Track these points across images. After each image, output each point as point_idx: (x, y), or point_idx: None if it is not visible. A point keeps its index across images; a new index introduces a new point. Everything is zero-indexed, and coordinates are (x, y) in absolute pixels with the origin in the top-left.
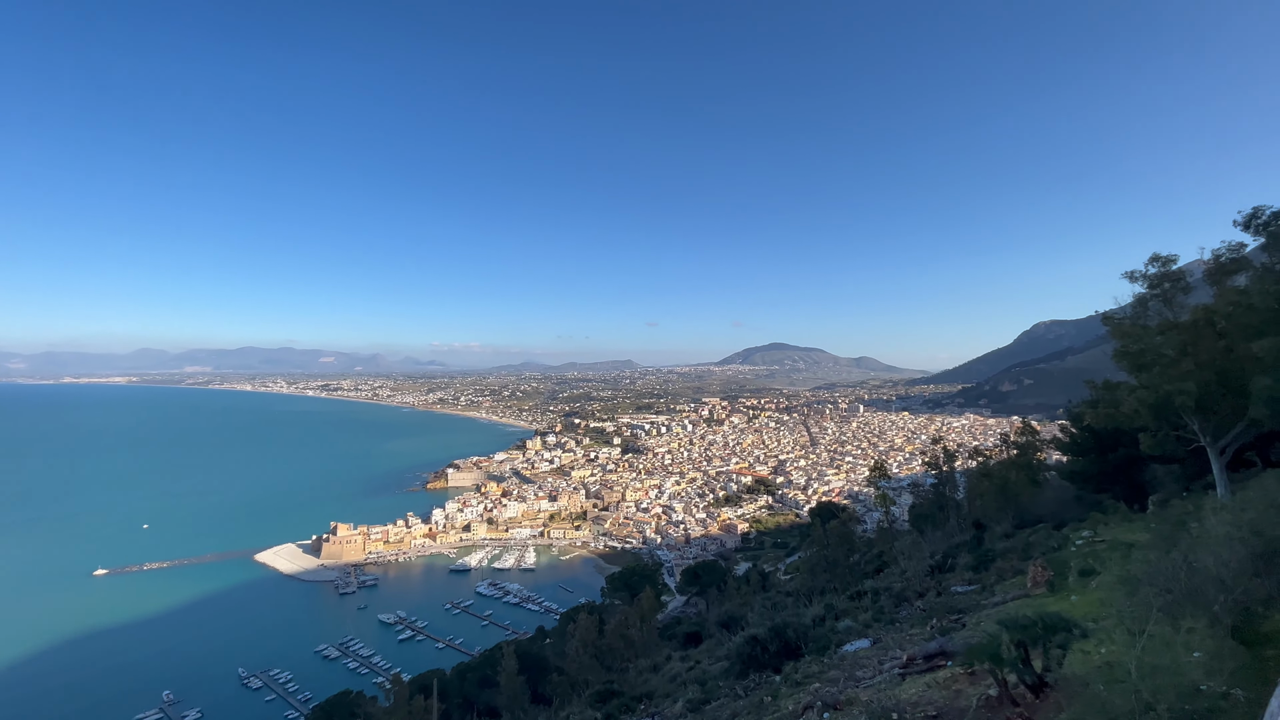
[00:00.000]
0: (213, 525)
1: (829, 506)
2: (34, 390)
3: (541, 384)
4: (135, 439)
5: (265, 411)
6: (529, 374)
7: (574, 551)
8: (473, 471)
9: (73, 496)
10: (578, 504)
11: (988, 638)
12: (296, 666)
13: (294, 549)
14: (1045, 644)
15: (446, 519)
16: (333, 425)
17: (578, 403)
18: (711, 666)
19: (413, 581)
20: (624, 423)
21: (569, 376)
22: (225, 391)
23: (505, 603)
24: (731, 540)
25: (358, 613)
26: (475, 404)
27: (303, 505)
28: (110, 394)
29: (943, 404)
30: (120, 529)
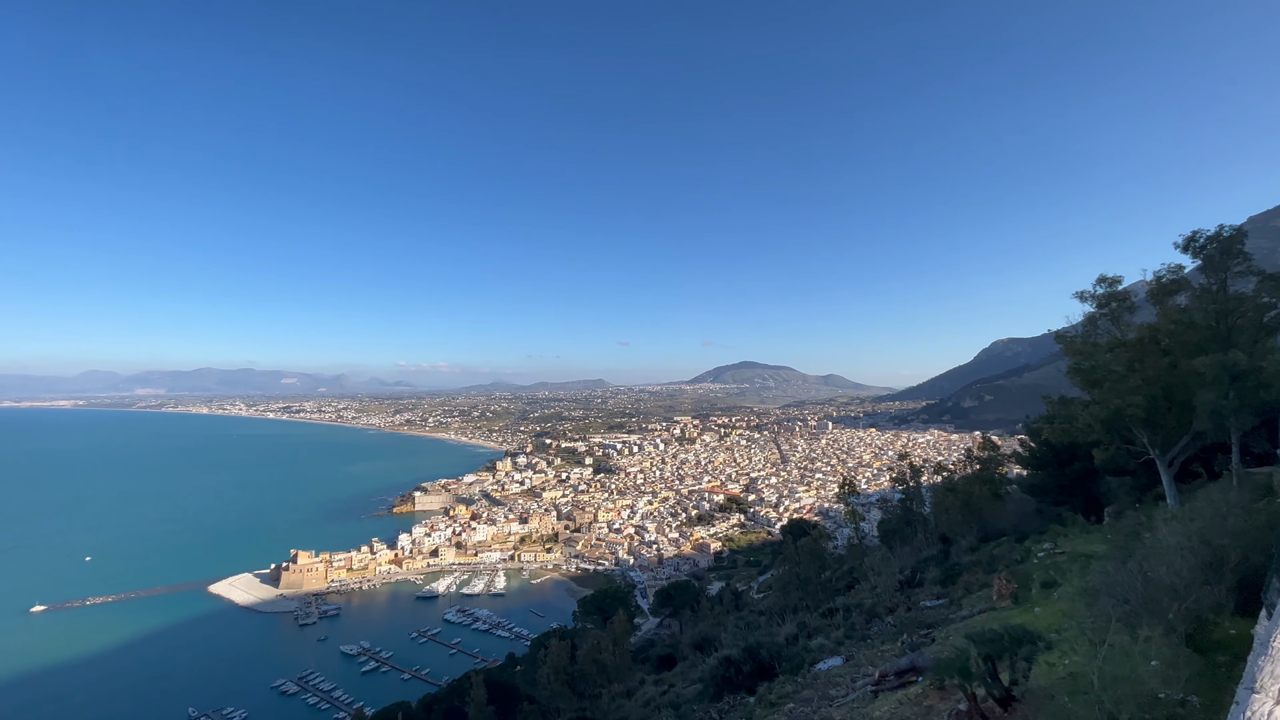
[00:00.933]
0: (163, 555)
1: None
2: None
3: (512, 404)
4: (78, 465)
5: (222, 435)
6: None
7: (545, 574)
8: (441, 494)
9: (7, 528)
10: (549, 526)
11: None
12: (251, 704)
13: (251, 579)
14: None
15: (413, 544)
16: (294, 449)
17: (549, 422)
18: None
19: (377, 610)
20: (596, 442)
21: (540, 396)
22: (180, 415)
23: (474, 629)
24: (704, 559)
25: (318, 644)
26: (444, 425)
27: (261, 533)
28: (53, 418)
29: (908, 420)
30: (60, 561)
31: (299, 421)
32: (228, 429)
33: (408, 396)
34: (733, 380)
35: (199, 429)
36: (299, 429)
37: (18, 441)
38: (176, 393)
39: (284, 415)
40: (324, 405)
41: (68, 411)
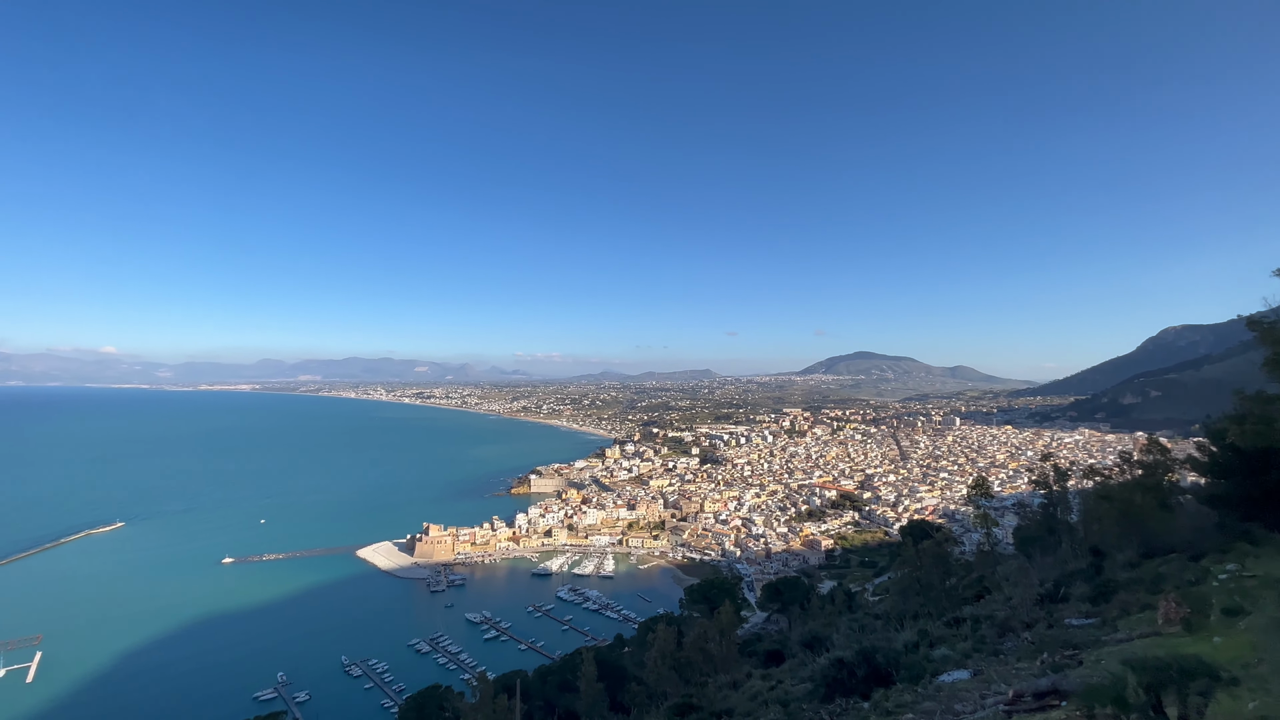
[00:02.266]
0: (319, 521)
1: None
2: (178, 396)
3: (620, 393)
4: (255, 441)
5: (365, 417)
6: (608, 383)
7: (652, 561)
8: (554, 478)
9: (205, 493)
10: (656, 513)
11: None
12: (391, 658)
13: (390, 547)
14: (1182, 690)
15: (529, 524)
16: (425, 431)
17: (656, 412)
18: (794, 688)
19: (497, 583)
20: (702, 433)
21: (647, 386)
22: (332, 399)
23: (585, 609)
24: (815, 556)
25: (446, 610)
26: (556, 412)
27: (398, 506)
28: (237, 400)
29: (1052, 418)
30: (242, 522)
31: (429, 406)
32: (370, 412)
33: (524, 385)
34: (847, 371)
35: (347, 411)
36: (429, 413)
37: (212, 419)
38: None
39: (417, 400)
40: (451, 392)
41: (247, 394)
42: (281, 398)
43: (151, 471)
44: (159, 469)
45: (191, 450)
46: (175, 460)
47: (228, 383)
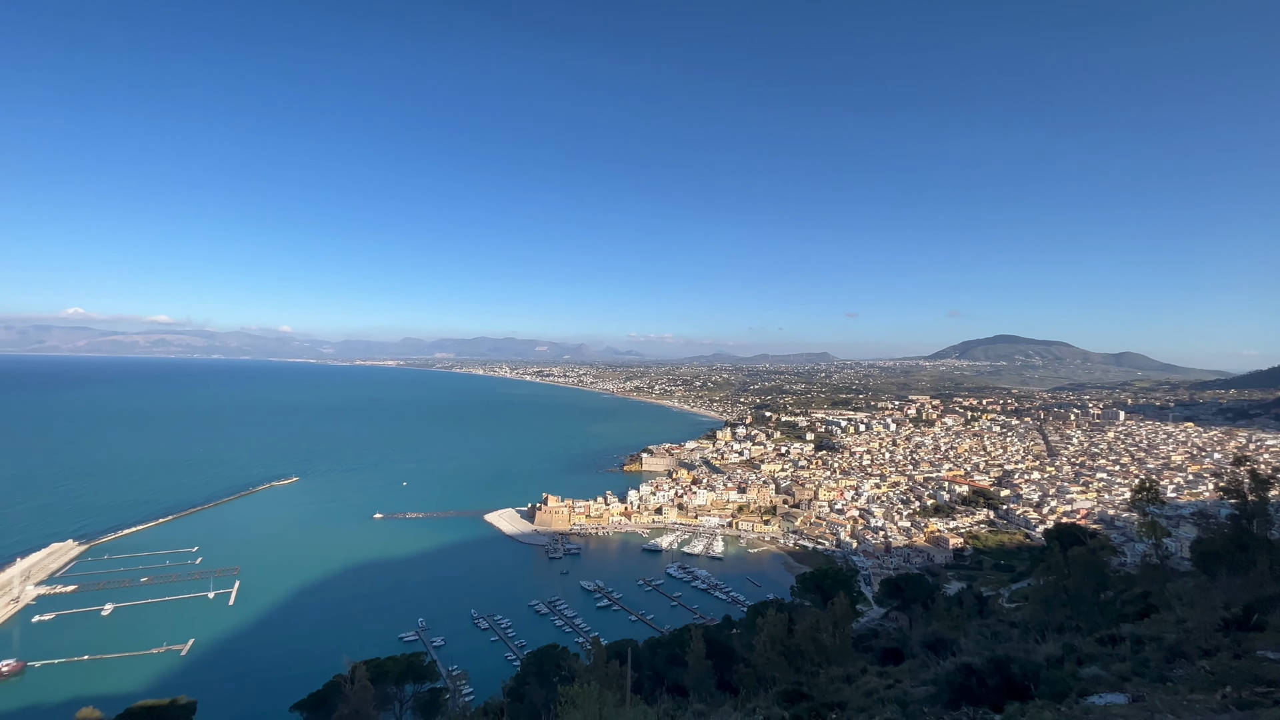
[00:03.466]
0: (452, 486)
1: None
2: (337, 369)
3: (732, 375)
4: (399, 412)
5: (492, 393)
6: (720, 365)
7: (762, 546)
8: (665, 458)
9: (359, 457)
10: (767, 498)
11: None
12: (514, 615)
13: (513, 513)
14: None
15: (640, 500)
16: (544, 407)
17: (769, 395)
18: (914, 689)
19: (609, 555)
20: (818, 418)
21: (760, 368)
22: (463, 375)
23: (693, 587)
24: (940, 555)
25: (562, 577)
26: (668, 393)
27: (520, 476)
28: (384, 374)
29: (1250, 415)
30: (389, 484)
31: (548, 384)
32: (496, 388)
33: (637, 365)
34: (985, 357)
35: (476, 387)
36: (548, 390)
37: (364, 391)
38: (462, 356)
39: (537, 378)
40: (568, 370)
41: (392, 369)
42: (420, 373)
43: (318, 435)
44: (324, 433)
45: (348, 418)
46: (336, 426)
47: (376, 358)
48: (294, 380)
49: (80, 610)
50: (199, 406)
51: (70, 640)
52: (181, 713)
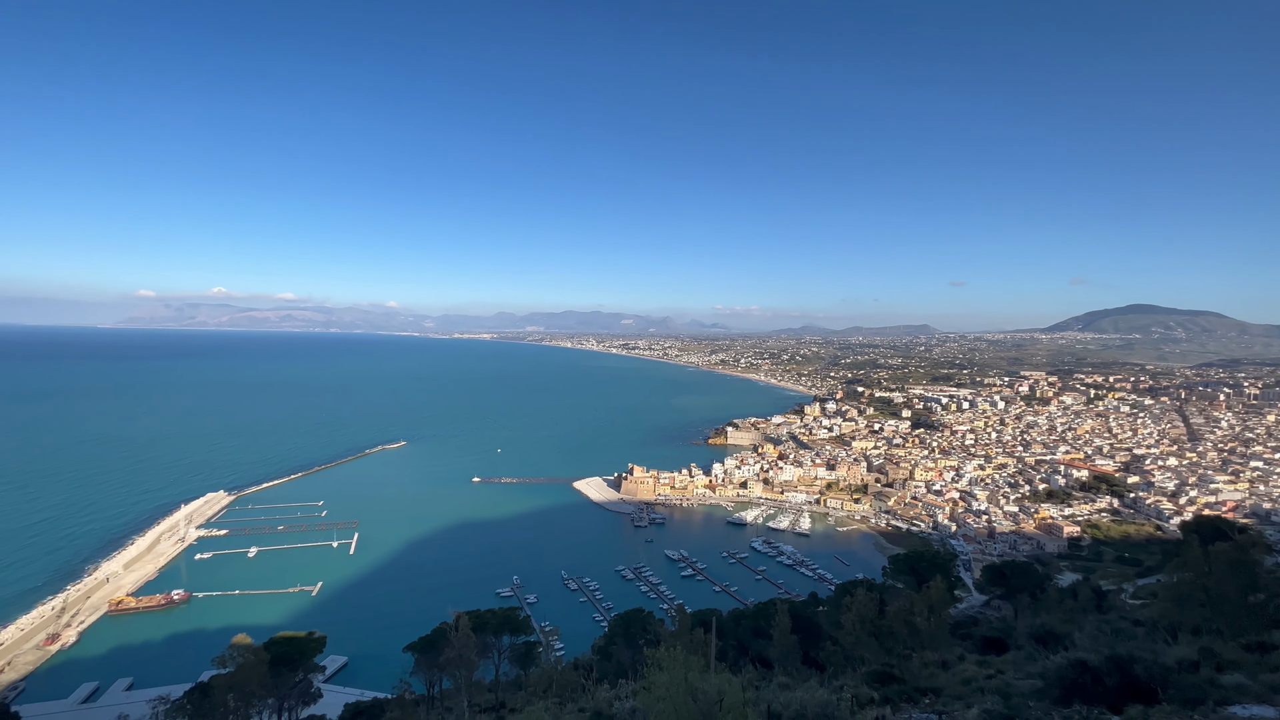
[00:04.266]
0: (543, 454)
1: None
2: (438, 342)
3: (822, 349)
4: (494, 382)
5: (579, 365)
6: (809, 338)
7: (851, 525)
8: (750, 432)
9: (458, 423)
10: (858, 476)
11: None
12: (601, 579)
13: (600, 482)
14: None
15: (725, 474)
16: (630, 379)
17: (862, 369)
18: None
19: (694, 526)
20: (915, 394)
21: (853, 341)
22: (552, 347)
23: (779, 562)
24: (1053, 543)
25: (647, 545)
26: (754, 366)
27: (606, 445)
28: (479, 346)
29: None
30: (485, 450)
31: (634, 357)
32: (583, 360)
33: (722, 338)
34: (1114, 329)
35: (563, 359)
36: (633, 363)
37: (462, 362)
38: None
39: (623, 350)
40: (653, 343)
41: (487, 342)
42: (512, 345)
43: (422, 403)
44: (427, 402)
45: (448, 388)
46: (437, 395)
47: (472, 331)
48: (400, 352)
49: (231, 551)
50: (320, 376)
51: (224, 576)
52: (315, 645)
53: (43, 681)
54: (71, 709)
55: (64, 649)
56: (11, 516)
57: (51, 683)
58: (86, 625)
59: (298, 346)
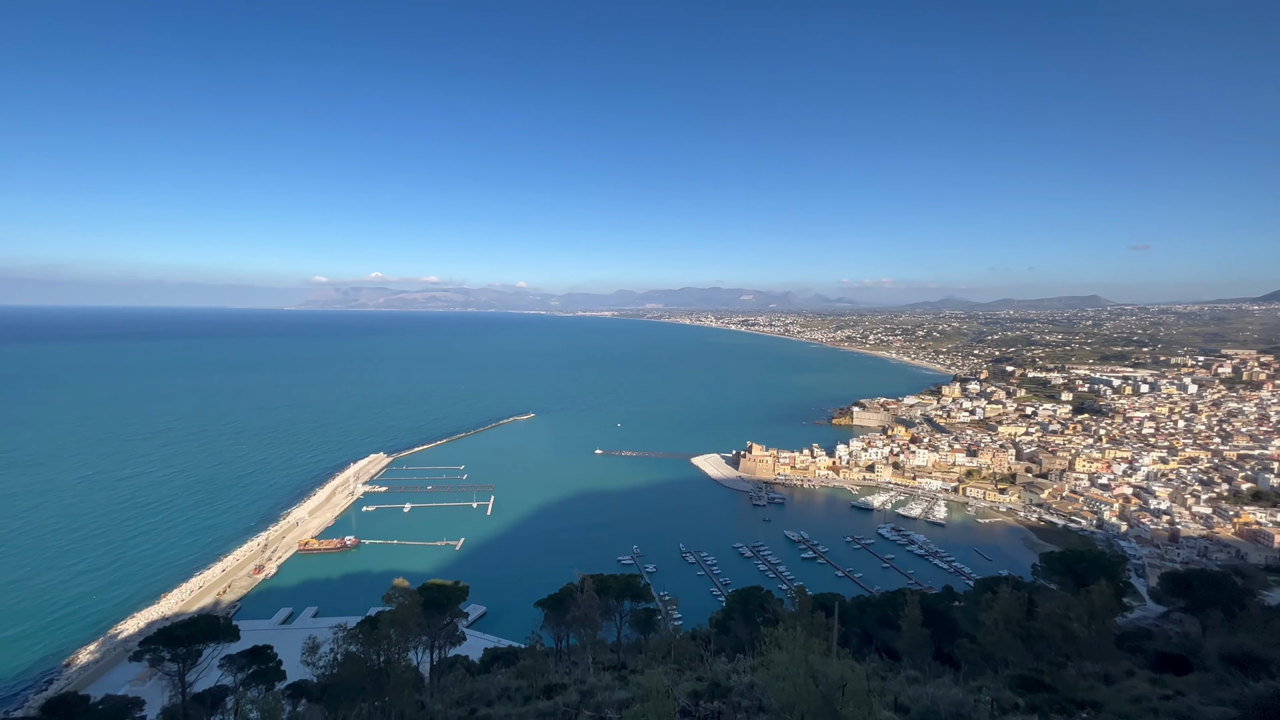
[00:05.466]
0: (661, 429)
1: None
2: (563, 320)
3: (964, 324)
4: (614, 358)
5: (698, 342)
6: (948, 312)
7: (995, 516)
8: (879, 412)
9: (583, 398)
10: (1004, 464)
11: None
12: (718, 554)
13: (718, 459)
14: None
15: (850, 456)
16: (749, 356)
17: (1011, 346)
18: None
19: (815, 508)
20: (1079, 374)
21: (1001, 315)
22: (670, 324)
23: (909, 551)
24: (1257, 553)
25: (765, 524)
26: (884, 343)
27: (724, 423)
28: (601, 324)
29: None
30: (605, 424)
31: (752, 333)
32: (701, 337)
33: (849, 313)
34: None
35: (682, 335)
36: (752, 340)
37: (584, 339)
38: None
39: (742, 327)
40: (774, 320)
41: (608, 320)
42: (631, 322)
43: (548, 378)
44: (553, 376)
45: (572, 363)
46: (562, 370)
47: (594, 309)
48: (528, 329)
49: (389, 506)
50: (459, 351)
51: (385, 527)
52: (460, 593)
53: (253, 603)
54: (274, 628)
55: (266, 579)
56: (230, 468)
57: (259, 605)
58: (283, 560)
59: (441, 325)
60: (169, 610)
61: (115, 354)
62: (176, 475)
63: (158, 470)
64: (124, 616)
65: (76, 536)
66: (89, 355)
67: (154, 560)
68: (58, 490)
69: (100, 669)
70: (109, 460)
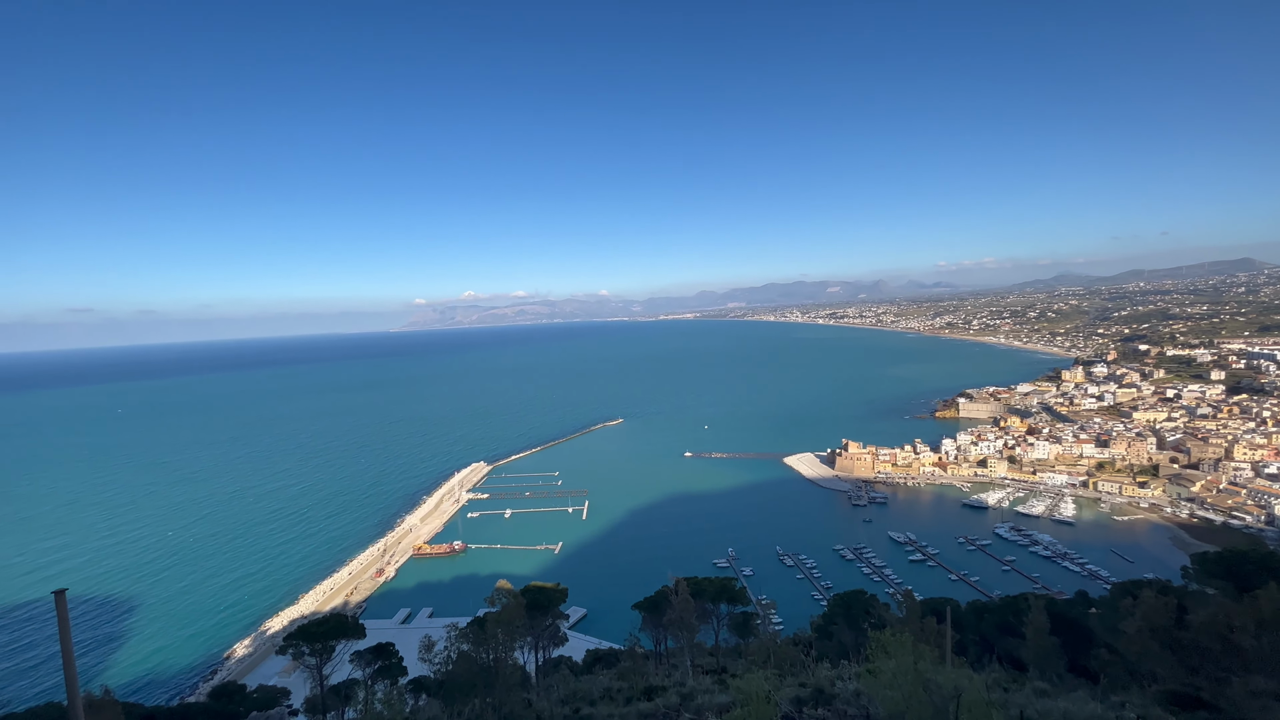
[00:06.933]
0: (750, 429)
1: None
2: (645, 325)
3: (1084, 300)
4: (698, 360)
5: (784, 338)
6: (1064, 289)
7: (1135, 513)
8: (988, 403)
9: (669, 399)
10: (1142, 454)
11: None
12: (817, 557)
13: (811, 457)
14: None
15: (958, 450)
16: (839, 350)
17: (1144, 323)
18: None
19: (921, 507)
20: (1232, 350)
21: (1130, 289)
22: (754, 322)
23: (1032, 552)
24: None
25: (865, 525)
26: (990, 328)
27: (816, 420)
28: (683, 326)
29: None
30: (692, 426)
31: (842, 326)
32: (787, 333)
33: (948, 298)
34: None
35: (767, 333)
36: (842, 332)
37: (667, 342)
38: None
39: (830, 321)
40: (864, 310)
41: (690, 321)
42: (714, 323)
43: (634, 383)
44: (639, 381)
45: (656, 367)
46: (647, 374)
47: (676, 312)
48: (611, 336)
49: (491, 512)
50: (548, 361)
51: (488, 532)
52: (560, 595)
53: (376, 604)
54: (395, 627)
55: (386, 581)
56: (354, 479)
57: (381, 605)
58: (400, 564)
59: (529, 337)
60: (306, 609)
61: (254, 381)
62: (312, 488)
63: (296, 483)
64: (270, 614)
65: (236, 543)
66: (234, 382)
67: (295, 564)
68: (219, 502)
69: (254, 661)
70: (257, 475)
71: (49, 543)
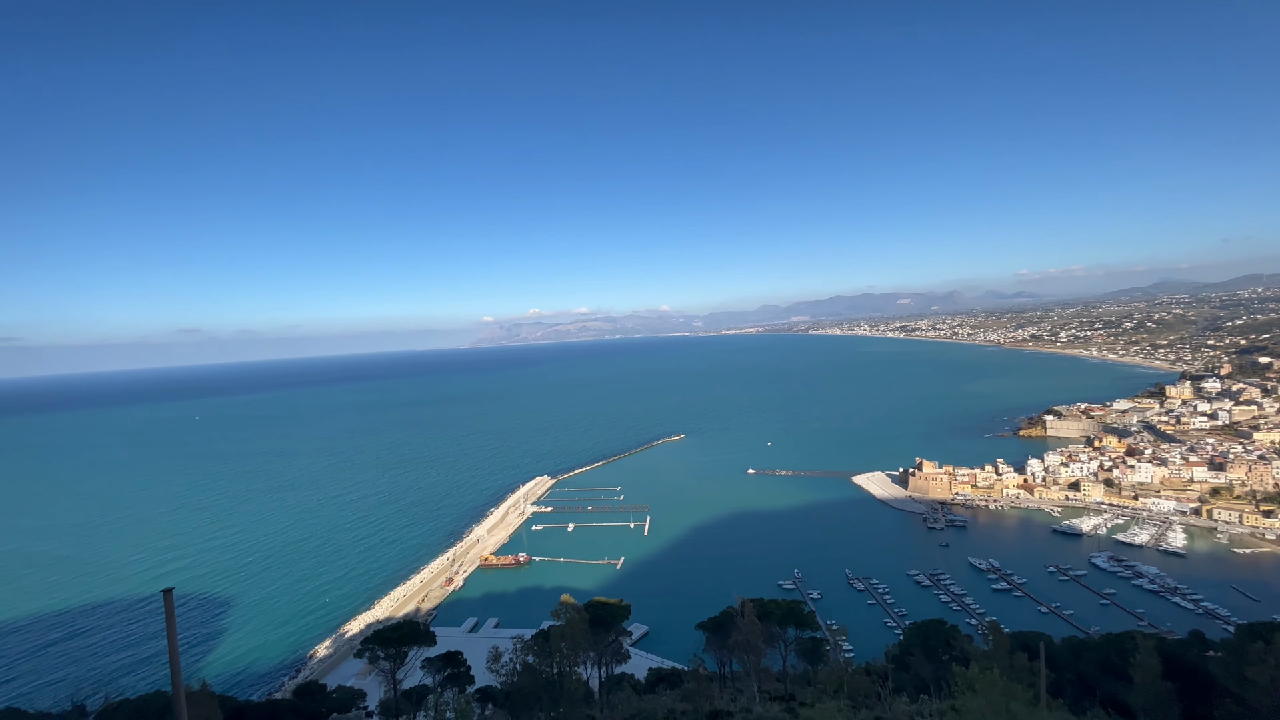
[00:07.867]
0: (816, 447)
1: None
2: (706, 340)
3: (1190, 309)
4: (762, 375)
5: (852, 352)
6: (1165, 298)
7: (1259, 545)
8: (1080, 420)
9: (731, 417)
10: (1266, 479)
11: None
12: (890, 582)
13: (883, 477)
14: None
15: (1046, 472)
16: (910, 365)
17: (1265, 333)
18: None
19: (1005, 532)
20: None
21: (1243, 296)
22: (819, 336)
23: (1135, 585)
24: None
25: (942, 549)
26: (1080, 340)
27: (887, 438)
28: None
29: None
30: (755, 443)
31: (914, 339)
32: (855, 347)
33: (1031, 309)
34: None
35: (833, 347)
36: (914, 346)
37: (729, 357)
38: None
39: (900, 334)
40: (938, 323)
41: (752, 336)
42: (778, 337)
43: (696, 398)
44: (701, 396)
45: (719, 382)
46: (709, 390)
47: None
48: (673, 351)
49: (555, 525)
50: (609, 376)
51: (552, 545)
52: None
53: (445, 612)
54: (463, 635)
55: (455, 590)
56: (427, 489)
57: (450, 614)
58: (467, 574)
59: (592, 353)
60: (381, 615)
61: (336, 395)
62: (390, 498)
63: (375, 493)
64: (349, 618)
65: (322, 549)
66: (319, 397)
67: (373, 570)
68: (308, 510)
69: (333, 662)
70: (341, 484)
71: (161, 542)
